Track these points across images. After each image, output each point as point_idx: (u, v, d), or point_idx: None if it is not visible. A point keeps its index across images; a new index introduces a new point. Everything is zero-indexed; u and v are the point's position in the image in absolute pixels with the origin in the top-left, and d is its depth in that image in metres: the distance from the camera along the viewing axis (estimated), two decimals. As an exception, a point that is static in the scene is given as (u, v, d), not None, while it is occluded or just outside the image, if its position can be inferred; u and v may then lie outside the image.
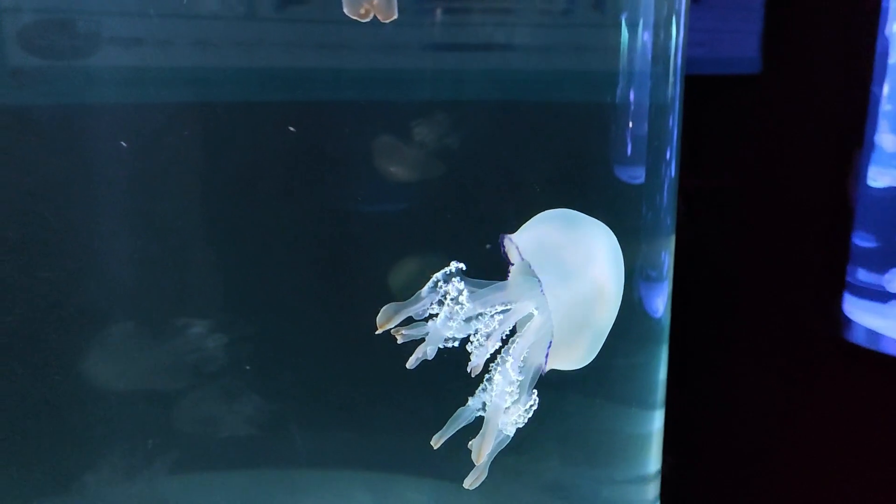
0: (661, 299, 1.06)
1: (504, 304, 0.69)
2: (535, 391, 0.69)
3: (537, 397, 0.69)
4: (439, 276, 0.68)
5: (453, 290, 0.67)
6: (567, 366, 0.72)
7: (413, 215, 0.99)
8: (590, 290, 0.70)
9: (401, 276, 0.97)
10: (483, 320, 0.68)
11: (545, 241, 0.70)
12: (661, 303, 1.06)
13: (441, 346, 0.70)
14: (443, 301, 0.68)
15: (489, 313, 0.68)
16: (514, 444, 0.74)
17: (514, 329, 0.70)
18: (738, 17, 1.36)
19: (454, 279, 0.68)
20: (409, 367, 0.69)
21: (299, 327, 0.99)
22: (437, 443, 0.71)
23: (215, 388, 0.97)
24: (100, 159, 0.90)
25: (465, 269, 0.69)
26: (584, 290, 0.70)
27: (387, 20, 0.74)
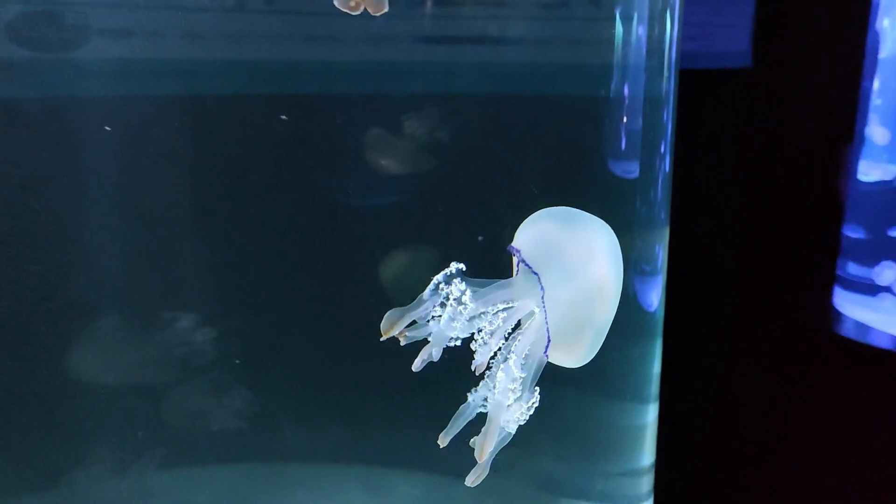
0: (656, 293, 1.06)
1: (506, 303, 0.68)
2: (537, 388, 0.69)
3: (538, 395, 0.69)
4: (440, 277, 0.68)
5: (456, 291, 0.67)
6: (570, 363, 0.72)
7: (404, 209, 0.99)
8: (591, 288, 0.70)
9: (391, 269, 0.97)
10: (486, 318, 0.68)
11: (546, 240, 0.70)
12: (656, 297, 1.06)
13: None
14: (444, 303, 0.68)
15: (491, 312, 0.68)
16: (514, 439, 0.74)
17: (517, 325, 0.70)
18: (729, 12, 1.37)
19: (455, 280, 0.68)
20: (415, 369, 0.69)
21: (290, 321, 0.99)
22: (443, 441, 0.71)
23: (205, 382, 0.96)
24: (89, 152, 0.89)
25: (464, 270, 0.69)
26: (586, 288, 0.70)
27: (377, 13, 0.73)
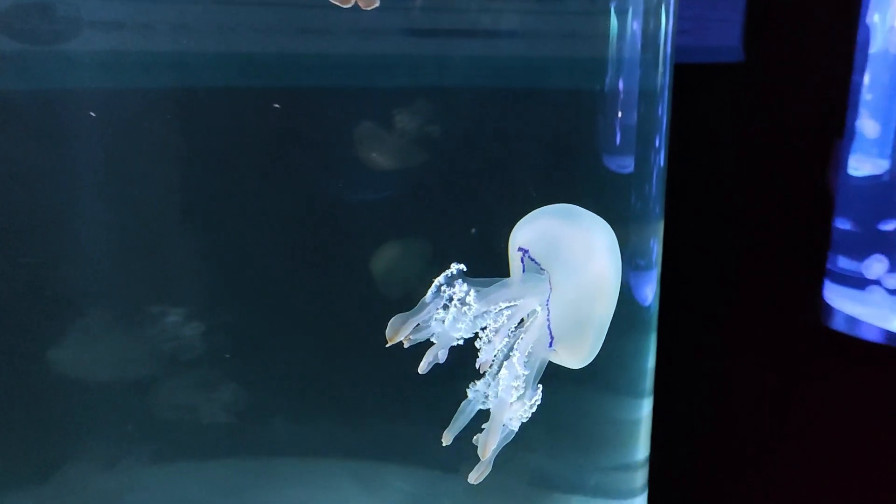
0: (650, 287, 1.06)
1: (510, 302, 0.68)
2: (539, 385, 0.69)
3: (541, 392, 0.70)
4: (441, 279, 0.68)
5: (460, 292, 0.67)
6: (574, 363, 0.72)
7: (396, 203, 0.99)
8: (592, 286, 0.70)
9: (383, 263, 0.97)
10: (489, 317, 0.68)
11: (549, 238, 0.70)
12: (650, 291, 1.07)
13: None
14: (447, 304, 0.68)
15: (494, 311, 0.68)
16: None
17: (519, 323, 0.70)
18: (723, 6, 1.37)
19: (457, 281, 0.68)
20: (421, 371, 0.69)
21: (281, 315, 0.99)
22: (446, 439, 0.71)
23: (195, 377, 0.96)
24: (79, 145, 0.88)
25: (465, 270, 0.69)
26: (587, 286, 0.70)
27: (368, 7, 0.73)
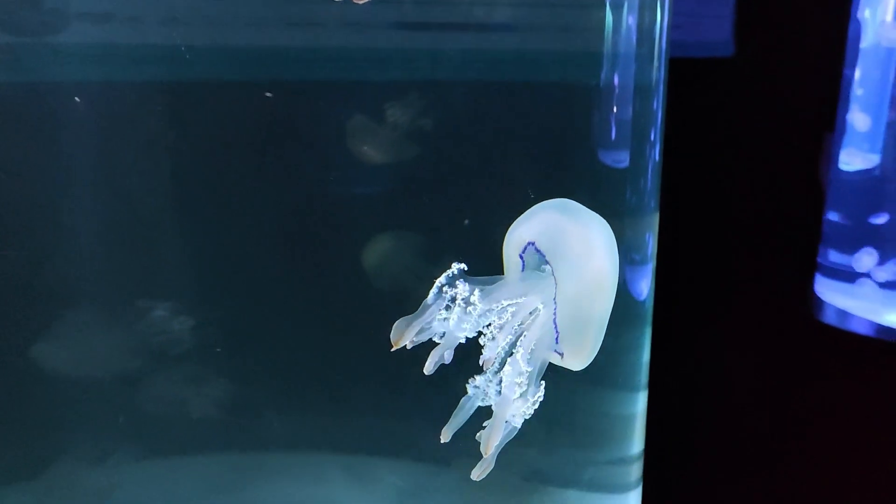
0: (646, 282, 1.07)
1: (512, 299, 0.69)
2: (542, 382, 0.69)
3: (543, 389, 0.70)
4: (442, 279, 0.68)
5: (464, 292, 0.67)
6: (577, 363, 0.73)
7: (388, 197, 0.98)
8: (592, 283, 0.71)
9: (375, 256, 0.96)
10: (492, 315, 0.68)
11: (551, 234, 0.70)
12: (646, 285, 1.07)
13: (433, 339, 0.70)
14: (450, 305, 0.68)
15: (496, 309, 0.68)
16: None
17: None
18: (716, 1, 1.37)
19: (459, 282, 0.68)
20: (427, 373, 0.69)
21: (272, 309, 0.98)
22: (445, 436, 0.71)
23: (185, 371, 0.95)
24: (68, 138, 0.88)
25: (466, 270, 0.69)
26: (588, 282, 0.70)
27: (360, 1, 0.72)
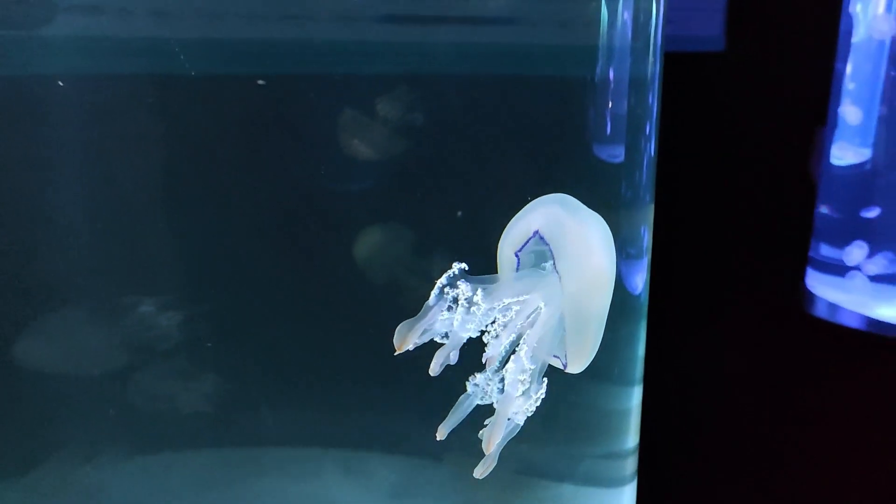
0: (641, 276, 1.07)
1: (513, 297, 0.68)
2: (545, 379, 0.69)
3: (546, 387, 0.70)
4: (444, 280, 0.68)
5: (466, 291, 0.67)
6: (577, 360, 0.73)
7: (380, 191, 0.98)
8: (592, 279, 0.71)
9: (366, 250, 0.96)
10: (494, 313, 0.68)
11: (553, 229, 0.70)
12: (641, 279, 1.07)
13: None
14: (451, 306, 0.68)
15: (498, 307, 0.68)
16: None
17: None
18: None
19: (460, 281, 0.68)
20: (433, 374, 0.69)
21: (264, 304, 0.98)
22: (441, 433, 0.71)
23: (177, 367, 0.95)
24: (57, 131, 0.87)
25: (467, 269, 0.69)
26: (588, 279, 0.70)
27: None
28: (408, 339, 0.67)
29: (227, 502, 1.01)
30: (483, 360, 0.68)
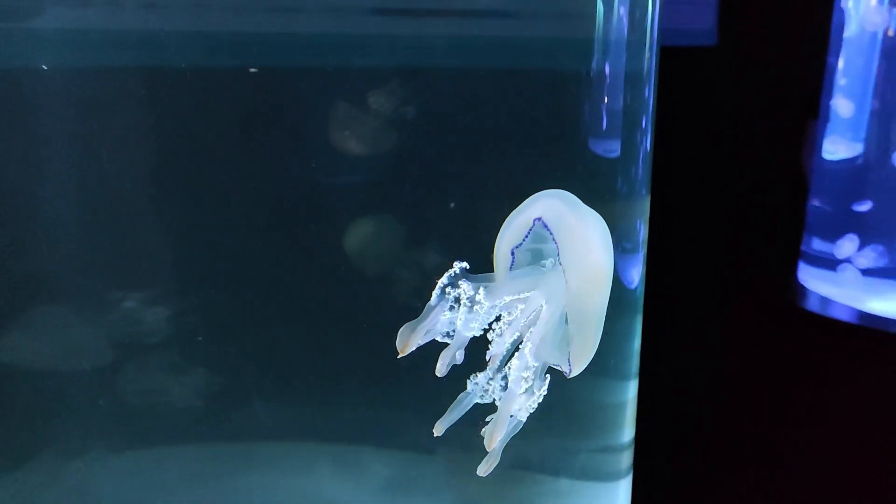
0: (636, 270, 1.07)
1: (515, 295, 0.68)
2: (547, 377, 0.69)
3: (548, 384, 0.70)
4: (445, 280, 0.67)
5: (468, 291, 0.67)
6: (582, 359, 0.73)
7: (372, 185, 0.97)
8: (593, 276, 0.71)
9: (358, 243, 0.96)
10: (497, 311, 0.68)
11: (554, 223, 0.69)
12: (636, 273, 1.07)
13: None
14: (454, 306, 0.68)
15: (500, 305, 0.68)
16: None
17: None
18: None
19: (462, 281, 0.67)
20: (439, 374, 0.69)
21: (256, 297, 0.97)
22: (439, 430, 0.71)
23: (168, 361, 0.95)
24: (45, 124, 0.86)
25: (468, 268, 0.68)
26: (589, 276, 0.70)
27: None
28: (411, 342, 0.67)
29: (218, 497, 1.01)
30: (487, 358, 0.68)
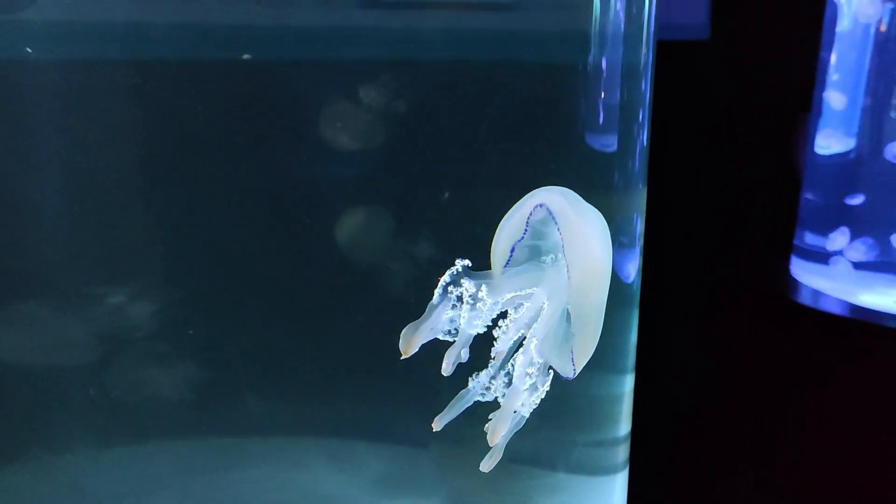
0: (633, 264, 1.07)
1: (518, 291, 0.68)
2: (550, 372, 0.69)
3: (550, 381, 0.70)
4: (447, 278, 0.67)
5: (471, 288, 0.67)
6: (584, 355, 0.72)
7: (364, 178, 0.97)
8: (594, 272, 0.71)
9: (349, 236, 0.95)
10: (499, 308, 0.68)
11: (559, 209, 0.69)
12: (633, 268, 1.07)
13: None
14: (456, 305, 0.67)
15: (501, 302, 0.68)
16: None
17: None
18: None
19: (464, 279, 0.67)
20: (445, 374, 0.68)
21: (248, 291, 0.97)
22: (437, 425, 0.71)
23: (159, 354, 0.94)
24: (31, 117, 0.86)
25: (470, 266, 0.68)
26: (590, 271, 0.70)
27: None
28: (414, 342, 0.66)
29: (210, 491, 1.00)
30: (492, 356, 0.68)
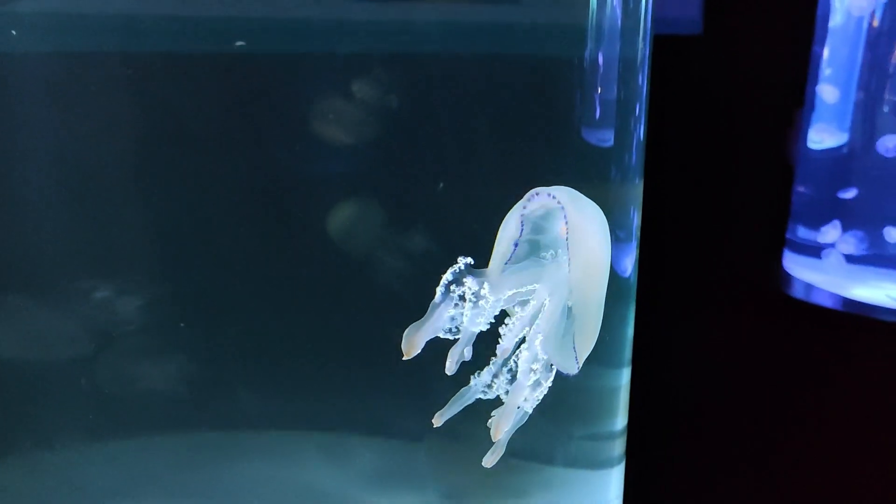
0: (630, 259, 1.07)
1: (519, 288, 0.68)
2: (553, 368, 0.70)
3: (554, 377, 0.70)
4: (449, 277, 0.67)
5: (473, 286, 0.66)
6: (585, 351, 0.73)
7: (358, 173, 0.97)
8: (594, 268, 0.71)
9: (343, 230, 0.95)
10: (501, 304, 0.68)
11: (563, 200, 0.69)
12: (630, 262, 1.07)
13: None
14: (458, 303, 0.67)
15: (503, 298, 0.68)
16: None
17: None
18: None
19: (467, 277, 0.67)
20: (449, 372, 0.68)
21: (242, 285, 0.97)
22: (438, 421, 0.71)
23: (151, 348, 0.94)
24: (25, 110, 0.86)
25: (472, 263, 0.68)
26: (591, 267, 0.70)
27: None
28: (417, 342, 0.66)
29: (204, 486, 1.00)
30: (497, 353, 0.68)
